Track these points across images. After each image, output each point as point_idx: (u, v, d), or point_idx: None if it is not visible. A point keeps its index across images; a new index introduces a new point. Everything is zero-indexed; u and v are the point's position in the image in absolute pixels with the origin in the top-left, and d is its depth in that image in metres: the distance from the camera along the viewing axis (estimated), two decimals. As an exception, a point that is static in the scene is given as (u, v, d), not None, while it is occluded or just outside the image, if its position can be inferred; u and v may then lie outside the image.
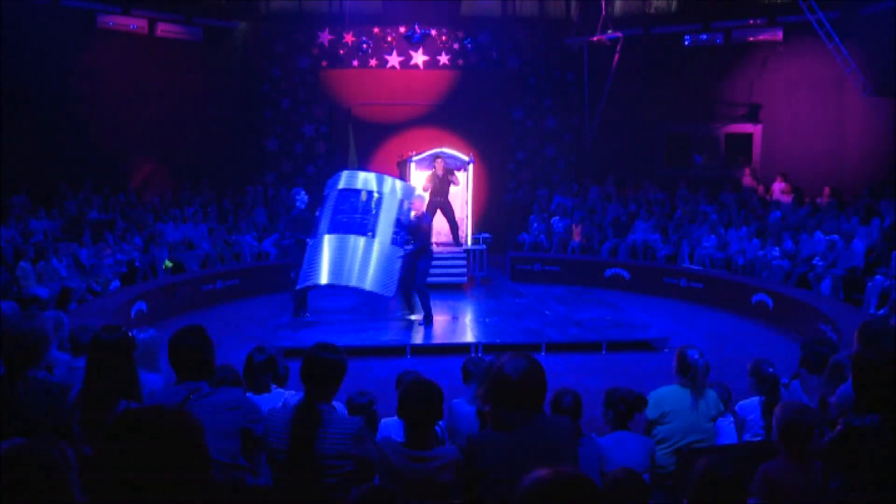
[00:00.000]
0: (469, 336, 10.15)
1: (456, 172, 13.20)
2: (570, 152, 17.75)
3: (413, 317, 10.54)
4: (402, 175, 13.96)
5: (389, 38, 16.98)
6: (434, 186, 12.81)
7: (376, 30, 16.91)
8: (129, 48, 15.09)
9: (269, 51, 16.77)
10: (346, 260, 10.02)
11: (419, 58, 17.01)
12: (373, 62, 16.95)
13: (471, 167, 13.93)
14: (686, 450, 4.47)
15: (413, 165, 13.84)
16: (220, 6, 16.38)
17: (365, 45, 16.83)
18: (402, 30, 16.88)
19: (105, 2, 14.82)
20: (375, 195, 10.63)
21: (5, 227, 11.42)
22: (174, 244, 13.44)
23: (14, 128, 13.20)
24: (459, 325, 10.80)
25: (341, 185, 10.84)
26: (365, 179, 10.96)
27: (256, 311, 11.90)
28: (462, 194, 13.88)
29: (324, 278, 10.00)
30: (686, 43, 16.30)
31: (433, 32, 16.98)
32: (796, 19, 14.32)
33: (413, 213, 10.36)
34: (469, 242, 13.64)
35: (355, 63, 16.90)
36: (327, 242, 10.16)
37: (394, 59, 16.97)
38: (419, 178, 13.51)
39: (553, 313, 11.35)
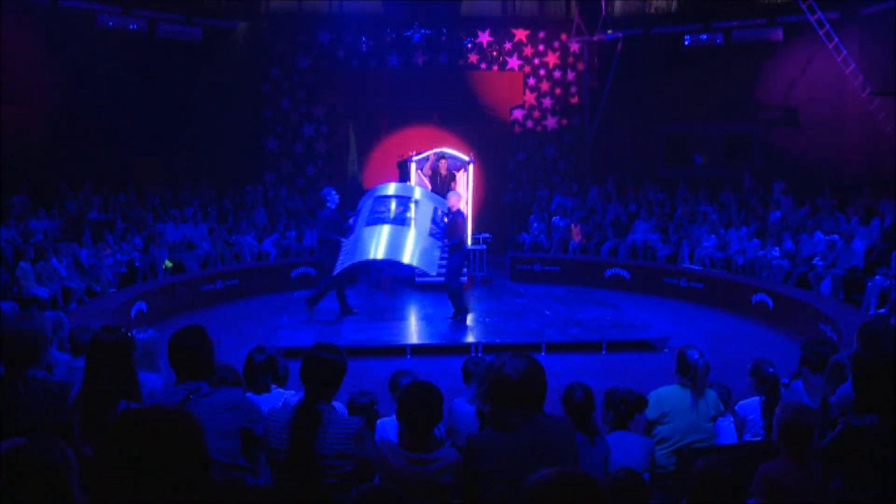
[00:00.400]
0: (469, 336, 10.14)
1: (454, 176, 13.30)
2: (570, 152, 17.75)
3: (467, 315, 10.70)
4: (403, 175, 13.98)
5: (389, 39, 16.97)
6: (435, 186, 12.89)
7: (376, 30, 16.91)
8: (129, 48, 15.09)
9: (269, 51, 16.76)
10: (385, 239, 10.24)
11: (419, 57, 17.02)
12: (372, 62, 16.95)
13: (471, 167, 13.93)
14: (686, 450, 4.47)
15: (413, 165, 13.85)
16: (220, 6, 16.38)
17: (364, 46, 16.84)
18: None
19: (105, 2, 14.81)
20: (410, 199, 10.98)
21: (5, 227, 11.42)
22: (174, 244, 13.44)
23: (14, 128, 13.20)
24: (459, 325, 10.79)
25: (376, 194, 11.23)
26: (398, 188, 11.47)
27: (256, 311, 11.91)
28: (462, 194, 13.87)
29: (359, 256, 10.21)
30: (686, 43, 16.31)
31: (433, 32, 16.98)
32: (796, 19, 14.33)
33: (449, 211, 10.54)
34: (469, 242, 13.63)
35: (355, 63, 16.89)
36: (364, 232, 10.40)
37: (394, 59, 16.98)
38: (419, 178, 13.53)
39: (553, 313, 11.35)
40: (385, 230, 10.39)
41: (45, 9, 13.95)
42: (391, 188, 11.46)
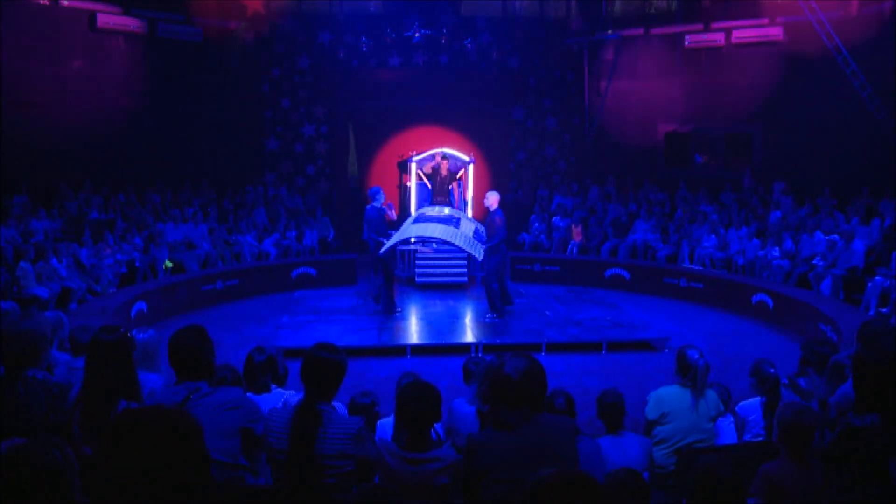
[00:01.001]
0: (469, 336, 10.15)
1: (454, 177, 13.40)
2: (570, 152, 17.75)
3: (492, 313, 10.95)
4: (404, 176, 13.99)
5: (389, 39, 16.97)
6: (436, 186, 12.92)
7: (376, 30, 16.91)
8: (129, 48, 15.08)
9: (269, 51, 16.76)
10: (433, 225, 10.83)
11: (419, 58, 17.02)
12: (373, 62, 16.95)
13: (471, 167, 13.94)
14: (686, 450, 4.47)
15: (413, 165, 13.86)
16: (221, 6, 16.38)
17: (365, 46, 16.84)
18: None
19: (105, 2, 14.81)
20: (453, 216, 11.66)
21: (5, 227, 11.41)
22: (174, 244, 13.43)
23: (14, 128, 13.19)
24: (459, 325, 10.80)
25: (419, 212, 12.09)
26: (440, 209, 12.31)
27: (256, 311, 11.91)
28: (462, 194, 13.92)
29: (405, 235, 10.74)
30: (686, 43, 16.30)
31: (433, 32, 16.98)
32: (796, 19, 14.33)
33: (489, 207, 10.74)
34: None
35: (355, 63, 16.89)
36: (411, 225, 11.06)
37: (394, 59, 16.98)
38: (419, 178, 13.56)
39: (553, 313, 11.35)
40: (431, 223, 11.03)
41: (45, 9, 13.95)
42: (435, 209, 12.32)
